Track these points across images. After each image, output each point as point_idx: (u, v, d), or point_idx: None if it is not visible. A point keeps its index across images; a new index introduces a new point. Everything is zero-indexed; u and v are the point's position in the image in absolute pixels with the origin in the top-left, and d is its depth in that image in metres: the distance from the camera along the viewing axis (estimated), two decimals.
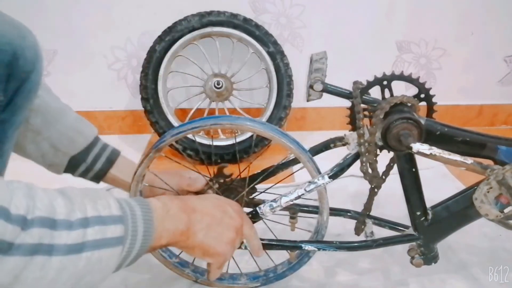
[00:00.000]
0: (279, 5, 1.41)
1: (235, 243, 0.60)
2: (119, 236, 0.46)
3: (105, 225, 0.44)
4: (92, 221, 0.44)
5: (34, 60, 0.64)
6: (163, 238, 0.52)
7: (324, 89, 0.72)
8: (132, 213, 0.48)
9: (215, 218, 0.58)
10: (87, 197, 0.45)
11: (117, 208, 0.47)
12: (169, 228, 0.53)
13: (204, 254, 0.58)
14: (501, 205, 0.60)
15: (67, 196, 0.44)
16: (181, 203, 0.56)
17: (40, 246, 0.39)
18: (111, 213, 0.46)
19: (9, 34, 0.61)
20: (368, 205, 0.72)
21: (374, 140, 0.65)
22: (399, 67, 1.50)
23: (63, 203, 0.42)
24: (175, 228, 0.53)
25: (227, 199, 0.64)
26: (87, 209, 0.44)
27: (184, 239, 0.55)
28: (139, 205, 0.50)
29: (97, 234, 0.43)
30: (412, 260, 0.74)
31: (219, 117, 0.68)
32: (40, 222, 0.39)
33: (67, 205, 0.42)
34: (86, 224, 0.43)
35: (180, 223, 0.54)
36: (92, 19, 1.40)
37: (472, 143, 0.68)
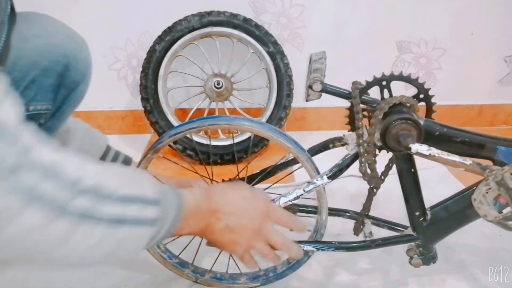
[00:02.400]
0: (279, 5, 1.41)
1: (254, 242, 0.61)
2: (155, 218, 0.48)
3: (145, 205, 0.47)
4: (135, 199, 0.46)
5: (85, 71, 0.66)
6: (184, 230, 0.55)
7: (323, 89, 0.72)
8: (168, 199, 0.51)
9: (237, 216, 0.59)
10: (133, 176, 0.48)
11: (158, 191, 0.49)
12: (190, 224, 0.55)
13: (220, 249, 0.61)
14: (500, 206, 0.60)
15: (116, 172, 0.46)
16: (207, 202, 0.58)
17: (88, 214, 0.41)
18: (153, 195, 0.48)
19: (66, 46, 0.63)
20: (367, 205, 0.72)
21: (373, 141, 0.65)
22: (399, 67, 1.50)
23: (111, 178, 0.44)
24: (195, 225, 0.56)
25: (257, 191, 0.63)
26: (132, 187, 0.46)
27: (201, 234, 0.59)
28: (175, 194, 0.53)
29: (137, 212, 0.45)
30: (411, 260, 0.74)
31: (217, 118, 0.68)
32: (91, 191, 0.41)
33: (114, 180, 0.44)
34: (130, 201, 0.45)
35: (202, 222, 0.57)
36: (92, 19, 1.40)
37: (471, 144, 0.68)
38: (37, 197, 0.37)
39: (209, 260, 0.80)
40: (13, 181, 0.35)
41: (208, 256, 0.82)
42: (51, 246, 0.39)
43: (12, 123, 0.37)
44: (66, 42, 0.63)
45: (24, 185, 0.36)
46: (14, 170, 0.35)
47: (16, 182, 0.36)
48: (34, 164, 0.37)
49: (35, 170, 0.37)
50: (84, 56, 0.66)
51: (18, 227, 0.36)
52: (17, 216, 0.36)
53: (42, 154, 0.38)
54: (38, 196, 0.37)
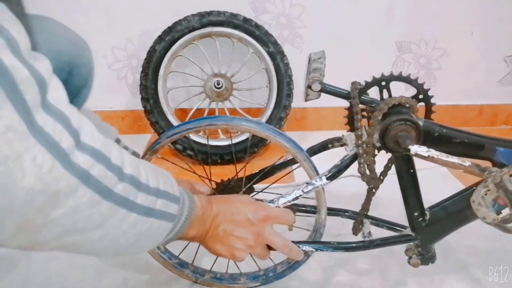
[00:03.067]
0: (279, 5, 1.41)
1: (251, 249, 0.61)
2: (175, 215, 0.51)
3: (169, 201, 0.49)
4: (162, 194, 0.48)
5: (88, 76, 0.66)
6: (189, 233, 0.56)
7: (322, 89, 0.72)
8: (183, 200, 0.53)
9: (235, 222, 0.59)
10: (159, 173, 0.50)
11: (178, 190, 0.52)
12: (195, 227, 0.57)
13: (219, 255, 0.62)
14: (499, 207, 0.60)
15: (145, 166, 0.48)
16: (209, 207, 0.59)
17: (127, 200, 0.43)
18: (174, 192, 0.51)
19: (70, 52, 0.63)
20: (366, 205, 0.72)
21: (372, 141, 0.65)
22: (399, 67, 1.50)
23: (144, 169, 0.47)
24: (199, 229, 0.58)
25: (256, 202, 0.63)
26: (160, 182, 0.49)
27: (201, 240, 0.60)
28: (188, 196, 0.55)
29: (163, 206, 0.48)
30: (410, 260, 0.74)
31: (215, 118, 0.68)
32: (130, 178, 0.43)
33: (147, 172, 0.47)
34: (158, 194, 0.48)
35: (204, 227, 0.58)
36: (92, 19, 1.40)
37: (471, 145, 0.68)
38: (88, 179, 0.38)
39: (209, 260, 0.80)
40: (71, 161, 0.37)
41: (208, 256, 0.82)
42: (91, 226, 0.41)
43: (63, 104, 0.38)
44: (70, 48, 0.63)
45: (79, 167, 0.37)
46: (71, 151, 0.37)
47: (72, 164, 0.37)
48: (87, 147, 0.39)
49: (87, 153, 0.38)
50: (87, 61, 0.66)
51: (70, 205, 0.38)
52: (71, 195, 0.37)
53: (92, 137, 0.40)
54: (90, 177, 0.38)
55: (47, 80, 0.36)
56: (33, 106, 0.34)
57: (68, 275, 0.82)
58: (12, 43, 0.34)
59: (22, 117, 0.33)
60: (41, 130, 0.34)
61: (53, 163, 0.35)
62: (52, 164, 0.35)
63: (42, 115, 0.35)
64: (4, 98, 0.32)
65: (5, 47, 0.33)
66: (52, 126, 0.36)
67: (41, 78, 0.35)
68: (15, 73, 0.33)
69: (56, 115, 0.36)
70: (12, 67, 0.33)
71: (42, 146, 0.34)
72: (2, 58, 0.32)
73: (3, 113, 0.32)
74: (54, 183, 0.36)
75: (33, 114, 0.34)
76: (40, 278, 0.81)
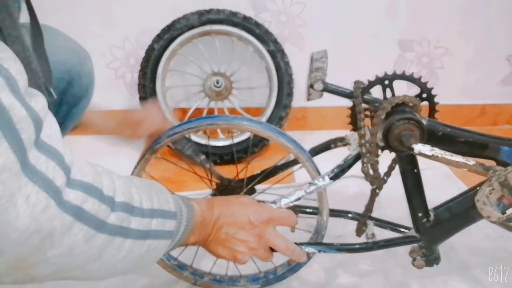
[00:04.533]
0: (279, 3, 1.39)
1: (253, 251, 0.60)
2: (172, 230, 0.50)
3: (165, 219, 0.49)
4: (157, 213, 0.47)
5: (88, 86, 0.65)
6: (190, 240, 0.56)
7: (325, 89, 0.71)
8: (180, 212, 0.52)
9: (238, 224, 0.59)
10: (152, 190, 0.49)
11: (173, 205, 0.51)
12: (196, 234, 0.56)
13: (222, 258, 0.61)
14: (504, 206, 0.60)
15: (138, 186, 0.47)
16: (210, 211, 0.58)
17: (121, 228, 0.42)
18: (170, 208, 0.50)
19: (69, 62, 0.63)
20: (369, 206, 0.72)
21: (376, 141, 0.65)
22: (401, 66, 1.49)
23: (136, 192, 0.46)
24: (200, 235, 0.57)
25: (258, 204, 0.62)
26: (154, 201, 0.48)
27: (203, 244, 0.60)
28: (185, 206, 0.54)
29: (159, 225, 0.47)
30: (414, 261, 0.73)
31: (216, 117, 0.68)
32: (123, 206, 0.43)
33: (139, 194, 0.46)
34: (152, 215, 0.47)
35: (205, 232, 0.58)
36: (90, 17, 1.39)
37: (475, 144, 0.67)
38: (82, 215, 0.38)
39: (208, 262, 0.79)
40: (64, 199, 0.37)
41: (207, 258, 0.81)
42: (88, 260, 0.41)
43: (56, 141, 0.38)
44: (70, 57, 0.63)
45: (71, 204, 0.37)
46: (62, 190, 0.37)
47: (65, 202, 0.37)
48: (77, 183, 0.38)
49: (79, 189, 0.38)
50: (88, 71, 0.65)
51: (66, 244, 0.37)
52: (66, 233, 0.37)
53: (83, 171, 0.40)
54: (83, 213, 0.38)
55: (42, 118, 0.37)
56: (28, 145, 0.34)
57: None
58: (11, 81, 0.34)
59: (16, 157, 0.33)
60: (33, 168, 0.34)
61: (47, 201, 0.35)
62: (46, 202, 0.35)
63: (35, 154, 0.35)
64: (1, 137, 0.32)
65: (4, 86, 0.33)
66: (45, 164, 0.35)
67: (37, 117, 0.36)
68: (12, 112, 0.33)
69: (50, 153, 0.36)
70: (10, 106, 0.33)
71: (35, 184, 0.34)
72: (0, 98, 0.32)
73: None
74: (49, 223, 0.35)
75: (27, 153, 0.34)
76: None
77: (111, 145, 0.86)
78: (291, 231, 0.74)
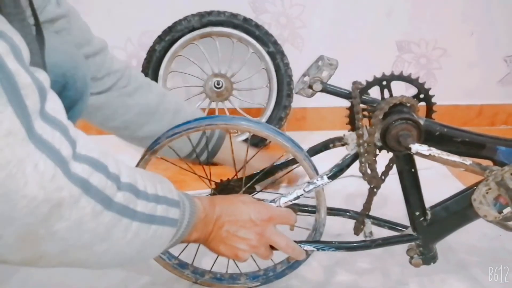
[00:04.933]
0: (279, 5, 1.41)
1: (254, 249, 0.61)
2: (176, 219, 0.50)
3: (170, 206, 0.49)
4: (161, 199, 0.48)
5: (83, 89, 0.65)
6: (192, 236, 0.56)
7: (324, 89, 0.72)
8: (183, 203, 0.52)
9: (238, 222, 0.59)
10: (156, 179, 0.49)
11: (177, 194, 0.51)
12: (198, 230, 0.57)
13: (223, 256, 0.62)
14: (500, 206, 0.60)
15: (141, 173, 0.47)
16: (212, 209, 0.58)
17: (128, 209, 0.42)
18: (173, 197, 0.50)
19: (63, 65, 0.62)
20: (367, 205, 0.72)
21: (373, 141, 0.65)
22: (399, 67, 1.50)
23: (140, 177, 0.46)
24: (201, 232, 0.57)
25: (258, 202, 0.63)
26: (158, 188, 0.48)
27: (204, 242, 0.60)
28: (188, 200, 0.54)
29: (163, 212, 0.47)
30: (411, 260, 0.74)
31: (215, 118, 0.68)
32: (128, 187, 0.43)
33: (143, 180, 0.46)
34: (158, 200, 0.47)
35: (207, 229, 0.58)
36: (92, 19, 1.39)
37: (472, 144, 0.68)
38: (89, 188, 0.38)
39: (209, 260, 0.80)
40: (71, 171, 0.36)
41: (208, 257, 0.82)
42: (96, 239, 0.40)
43: (60, 114, 0.37)
44: (64, 60, 0.62)
45: (79, 176, 0.37)
46: (69, 161, 0.36)
47: (73, 173, 0.36)
48: (84, 157, 0.38)
49: (86, 163, 0.38)
50: (83, 75, 0.65)
51: (74, 217, 0.37)
52: (74, 206, 0.37)
53: (88, 147, 0.39)
54: (90, 187, 0.38)
55: (47, 89, 0.36)
56: (33, 113, 0.34)
57: (68, 275, 0.81)
58: (15, 49, 0.34)
59: (22, 123, 0.32)
60: (40, 137, 0.34)
61: (55, 170, 0.35)
62: (54, 171, 0.34)
63: (40, 123, 0.35)
64: (5, 102, 0.31)
65: (9, 53, 0.33)
66: (51, 134, 0.35)
67: (41, 86, 0.35)
68: (17, 78, 0.33)
69: (55, 124, 0.36)
70: (15, 72, 0.33)
71: (42, 153, 0.34)
72: (6, 63, 0.32)
73: (3, 116, 0.31)
74: (57, 192, 0.35)
75: (32, 121, 0.34)
76: (40, 278, 0.81)
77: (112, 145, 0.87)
78: (290, 229, 0.75)
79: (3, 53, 0.32)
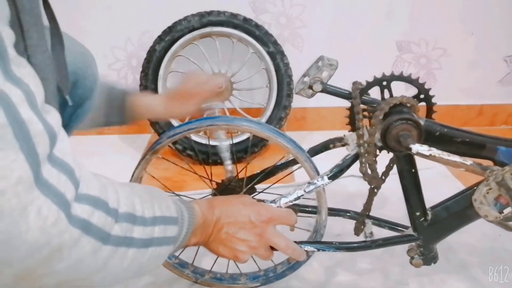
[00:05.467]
0: (279, 5, 1.41)
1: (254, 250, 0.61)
2: (174, 236, 0.50)
3: (167, 225, 0.49)
4: (158, 220, 0.47)
5: (92, 87, 0.65)
6: (192, 241, 0.57)
7: (324, 90, 0.72)
8: (182, 216, 0.52)
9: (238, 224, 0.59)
10: (153, 197, 0.49)
11: (175, 210, 0.51)
12: (197, 235, 0.57)
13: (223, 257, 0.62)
14: (501, 206, 0.60)
15: (138, 194, 0.47)
16: (211, 212, 0.58)
17: (125, 239, 0.43)
18: (171, 214, 0.50)
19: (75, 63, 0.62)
20: (367, 205, 0.72)
21: (374, 141, 0.65)
22: (399, 67, 1.50)
23: (138, 201, 0.46)
24: (201, 236, 0.58)
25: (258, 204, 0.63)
26: (155, 208, 0.48)
27: (204, 244, 0.60)
28: (187, 209, 0.54)
29: (161, 232, 0.48)
30: (412, 260, 0.74)
31: (216, 118, 0.69)
32: (126, 216, 0.43)
33: (142, 203, 0.46)
34: (154, 223, 0.47)
35: (206, 233, 0.58)
36: (92, 19, 1.40)
37: (472, 144, 0.68)
38: (89, 228, 0.38)
39: (209, 260, 0.80)
40: (73, 213, 0.37)
41: (208, 257, 0.82)
42: (94, 272, 0.41)
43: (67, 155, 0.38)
44: (76, 59, 0.63)
45: (80, 217, 0.37)
46: (72, 203, 0.37)
47: (74, 216, 0.37)
48: (85, 197, 0.39)
49: (87, 203, 0.39)
50: (92, 73, 0.65)
51: (74, 257, 0.38)
52: (74, 247, 0.37)
53: (90, 185, 0.40)
54: (90, 227, 0.38)
55: (57, 133, 0.37)
56: (42, 159, 0.34)
57: None
58: (30, 97, 0.34)
59: (31, 170, 0.33)
60: (46, 182, 0.35)
61: (58, 215, 0.35)
62: (57, 216, 0.35)
63: (47, 167, 0.35)
64: (18, 150, 0.32)
65: (24, 101, 0.34)
66: (57, 178, 0.36)
67: (52, 131, 0.36)
68: (30, 126, 0.33)
69: (61, 167, 0.37)
70: (28, 120, 0.33)
71: (47, 198, 0.34)
72: (20, 112, 0.33)
73: (16, 165, 0.32)
74: (59, 236, 0.36)
75: (41, 167, 0.34)
76: None
77: (112, 145, 0.87)
78: (290, 230, 0.75)
79: (18, 102, 0.33)
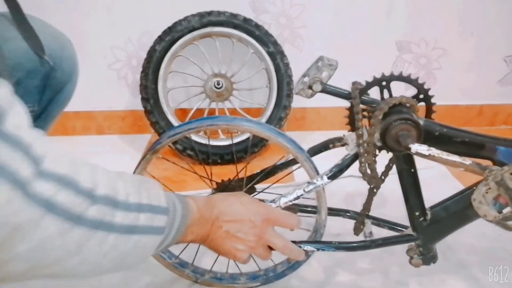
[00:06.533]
0: (279, 5, 1.41)
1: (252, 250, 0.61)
2: (162, 227, 0.49)
3: (154, 214, 0.47)
4: (145, 208, 0.46)
5: (71, 71, 0.64)
6: (188, 237, 0.56)
7: (323, 90, 0.72)
8: (174, 208, 0.51)
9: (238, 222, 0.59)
10: (142, 185, 0.48)
11: (165, 200, 0.50)
12: (194, 231, 0.56)
13: (222, 255, 0.62)
14: (500, 206, 0.60)
15: (126, 180, 0.46)
16: (209, 210, 0.58)
17: (103, 222, 0.41)
18: (160, 203, 0.49)
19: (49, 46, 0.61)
20: (367, 205, 0.72)
21: (373, 141, 0.65)
22: (399, 67, 1.50)
23: (122, 186, 0.44)
24: (198, 233, 0.57)
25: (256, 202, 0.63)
26: (142, 196, 0.46)
27: (202, 242, 0.60)
28: (180, 203, 0.53)
29: (147, 221, 0.46)
30: (411, 260, 0.74)
31: (216, 118, 0.69)
32: (104, 199, 0.41)
33: (126, 188, 0.45)
34: (140, 209, 0.45)
35: (203, 229, 0.58)
36: (92, 19, 1.40)
37: (471, 144, 0.68)
38: (54, 207, 0.36)
39: (209, 260, 0.80)
40: (31, 192, 0.35)
41: (208, 256, 0.82)
42: (66, 255, 0.39)
43: (24, 130, 0.36)
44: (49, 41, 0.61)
45: (41, 196, 0.36)
46: (30, 182, 0.35)
47: (34, 194, 0.35)
48: (49, 174, 0.36)
49: (51, 181, 0.37)
50: (69, 55, 0.63)
51: (37, 238, 0.36)
52: (36, 227, 0.36)
53: (58, 163, 0.38)
54: (55, 206, 0.37)
55: (6, 107, 0.34)
56: None
57: None
58: None
59: None
60: None
61: (10, 193, 0.33)
62: (9, 195, 0.33)
63: None
64: None
65: None
66: (9, 154, 0.33)
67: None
68: None
69: (15, 143, 0.34)
70: None
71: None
72: None
73: None
74: (14, 216, 0.34)
75: None
76: (39, 278, 0.81)
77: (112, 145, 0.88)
78: (290, 229, 0.76)
79: None
